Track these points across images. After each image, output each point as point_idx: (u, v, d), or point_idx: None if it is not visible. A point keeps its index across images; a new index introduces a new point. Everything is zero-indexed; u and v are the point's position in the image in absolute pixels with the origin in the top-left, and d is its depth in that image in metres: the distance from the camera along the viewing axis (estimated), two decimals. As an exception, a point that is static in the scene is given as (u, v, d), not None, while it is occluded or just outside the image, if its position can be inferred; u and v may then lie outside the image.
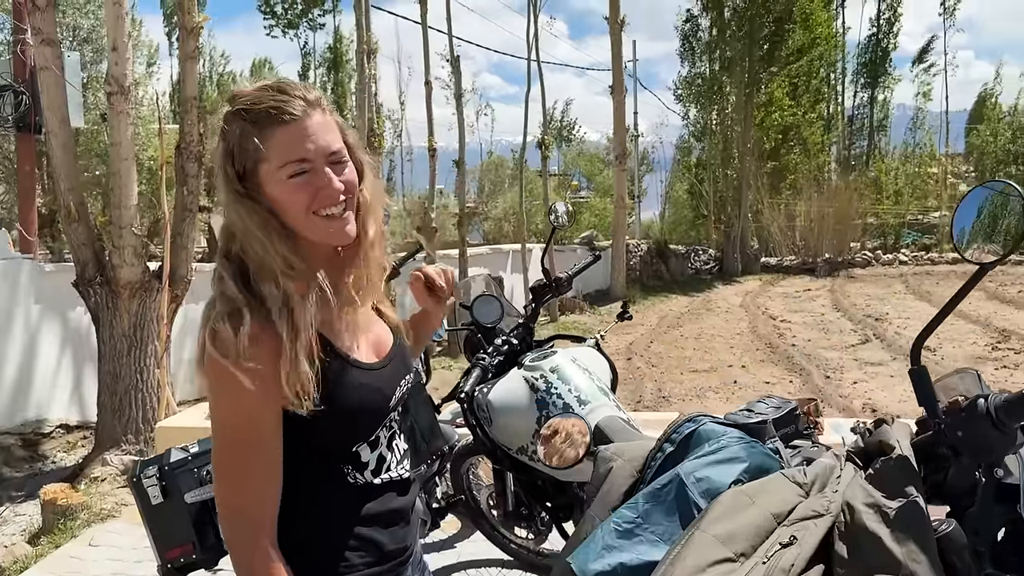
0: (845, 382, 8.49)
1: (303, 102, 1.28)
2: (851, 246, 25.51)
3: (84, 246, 5.63)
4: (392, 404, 1.44)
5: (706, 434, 1.38)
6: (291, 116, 1.26)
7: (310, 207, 1.28)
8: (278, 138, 1.26)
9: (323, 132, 1.29)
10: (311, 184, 1.27)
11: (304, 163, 1.27)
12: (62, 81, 5.61)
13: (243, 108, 1.28)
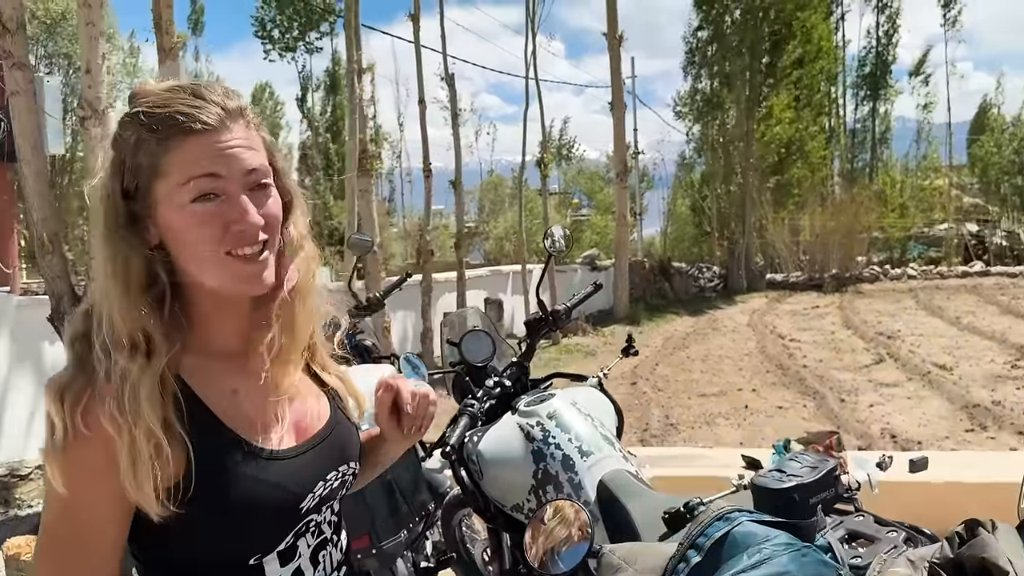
0: (861, 405, 8.15)
1: (221, 110, 1.00)
2: (858, 260, 25.16)
3: (59, 279, 5.33)
4: (308, 503, 1.08)
5: (743, 539, 1.06)
6: (203, 125, 0.99)
7: (220, 244, 1.00)
8: (185, 149, 0.99)
9: (243, 148, 1.01)
10: (221, 215, 1.00)
11: (215, 180, 0.99)
12: (34, 107, 5.34)
13: (143, 111, 1.00)
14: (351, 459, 1.17)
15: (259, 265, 1.02)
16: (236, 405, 1.05)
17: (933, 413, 7.59)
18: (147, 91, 1.03)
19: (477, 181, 30.44)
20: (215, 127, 0.99)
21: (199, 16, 31.25)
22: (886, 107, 33.98)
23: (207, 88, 1.03)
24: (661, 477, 4.00)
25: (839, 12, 32.75)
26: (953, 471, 3.90)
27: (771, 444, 4.83)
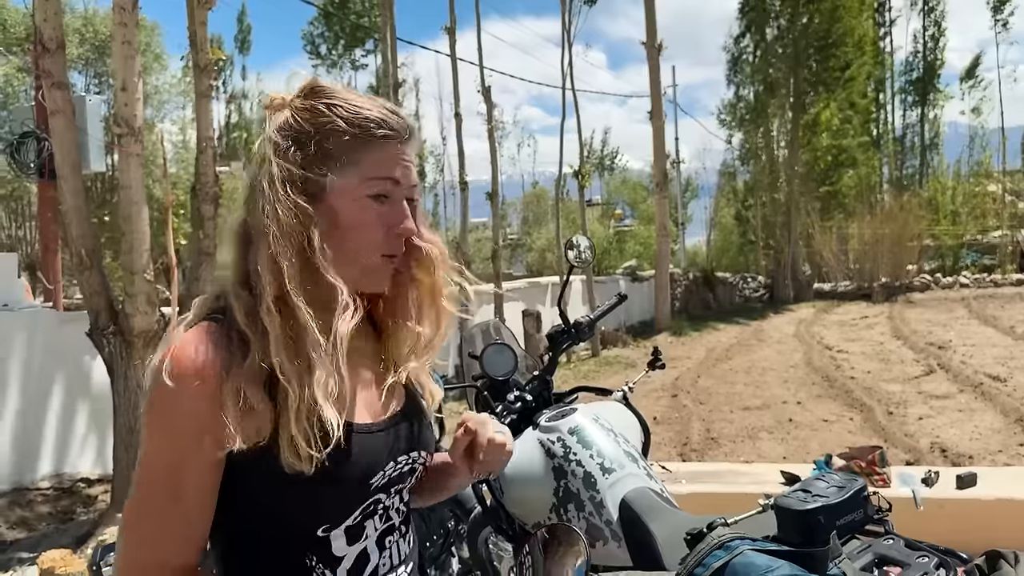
0: (910, 418, 7.89)
1: (408, 127, 1.12)
2: (908, 269, 24.57)
3: (97, 294, 5.42)
4: (378, 481, 1.10)
5: (742, 570, 0.99)
6: (396, 135, 1.10)
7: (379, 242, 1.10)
8: (377, 151, 1.09)
9: (412, 165, 1.14)
10: (387, 216, 1.09)
11: (393, 185, 1.10)
12: (73, 125, 5.45)
13: (344, 106, 1.08)
14: (423, 448, 1.20)
15: (390, 268, 1.13)
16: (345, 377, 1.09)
17: (985, 426, 7.31)
18: (333, 88, 1.10)
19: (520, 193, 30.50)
20: (404, 139, 1.10)
21: (246, 35, 31.96)
22: (935, 112, 33.27)
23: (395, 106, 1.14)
24: (696, 494, 3.90)
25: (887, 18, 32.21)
26: (1003, 487, 3.71)
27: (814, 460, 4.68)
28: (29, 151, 7.21)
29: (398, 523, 1.18)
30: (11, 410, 6.14)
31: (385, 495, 1.13)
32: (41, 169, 7.15)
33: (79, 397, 6.67)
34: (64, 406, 6.54)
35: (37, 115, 7.27)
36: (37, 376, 6.35)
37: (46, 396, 6.41)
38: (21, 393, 6.21)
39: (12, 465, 6.15)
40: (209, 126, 5.79)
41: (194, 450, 1.00)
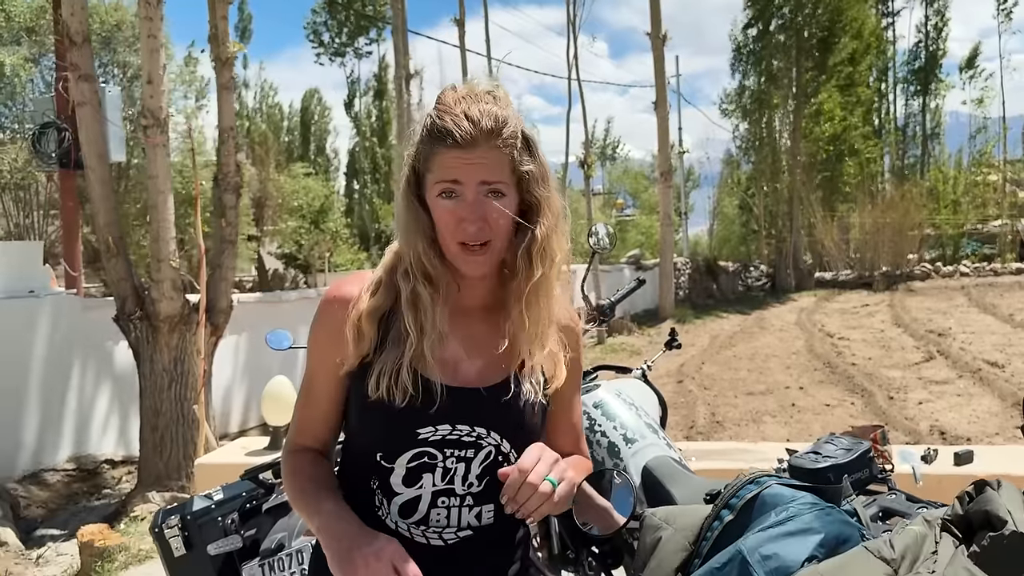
0: (910, 403, 8.08)
1: (474, 130, 1.23)
2: (908, 258, 24.73)
3: (123, 281, 5.59)
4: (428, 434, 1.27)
5: (772, 499, 1.17)
6: (454, 141, 1.23)
7: (451, 235, 1.26)
8: (440, 156, 1.24)
9: (485, 164, 1.24)
10: (456, 211, 1.25)
11: (454, 185, 1.24)
12: (100, 116, 5.61)
13: (432, 116, 1.27)
14: (494, 429, 1.29)
15: (479, 255, 1.25)
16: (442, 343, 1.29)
17: (983, 410, 7.50)
18: (445, 99, 1.27)
19: (521, 182, 30.57)
20: (466, 143, 1.22)
21: (247, 24, 31.95)
22: (936, 102, 33.36)
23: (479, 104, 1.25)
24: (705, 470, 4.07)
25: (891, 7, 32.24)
26: (999, 464, 3.89)
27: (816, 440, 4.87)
28: (50, 141, 7.37)
29: (461, 491, 1.29)
30: (36, 393, 6.32)
31: (439, 452, 1.27)
32: (62, 159, 7.30)
33: (102, 381, 6.85)
34: (87, 390, 6.72)
35: (57, 106, 7.42)
36: (61, 360, 6.54)
37: (70, 380, 6.59)
38: (46, 377, 6.40)
39: (38, 446, 6.33)
40: (231, 117, 5.93)
41: (324, 360, 1.32)
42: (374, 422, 1.28)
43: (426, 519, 1.29)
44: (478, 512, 1.31)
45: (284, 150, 24.73)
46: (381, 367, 1.26)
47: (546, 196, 1.30)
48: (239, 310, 6.17)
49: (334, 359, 1.30)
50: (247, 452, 4.89)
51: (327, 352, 1.31)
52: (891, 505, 1.81)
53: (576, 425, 1.47)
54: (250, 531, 2.50)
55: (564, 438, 1.43)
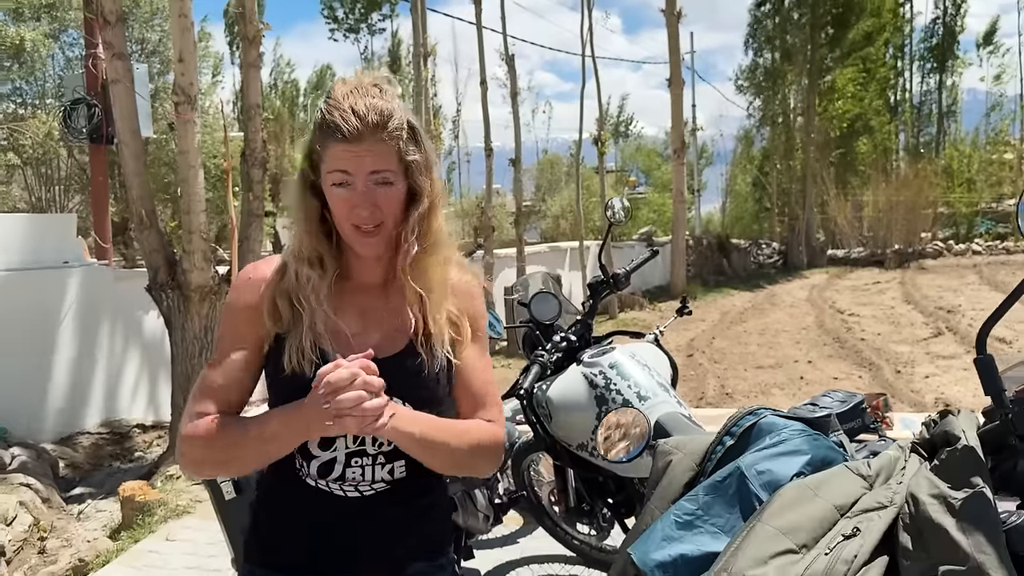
0: (916, 376, 8.27)
1: (360, 126, 1.33)
2: (921, 236, 24.77)
3: (155, 252, 5.82)
4: None
5: (767, 427, 1.37)
6: (342, 135, 1.34)
7: (345, 219, 1.38)
8: (331, 149, 1.36)
9: (371, 156, 1.35)
10: (348, 199, 1.37)
11: (344, 175, 1.36)
12: (132, 93, 5.81)
13: (325, 105, 1.38)
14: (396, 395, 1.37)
15: (372, 237, 1.38)
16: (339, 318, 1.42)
17: (989, 384, 7.67)
18: (334, 93, 1.37)
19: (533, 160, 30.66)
20: (351, 138, 1.33)
21: (261, 0, 32.02)
22: (953, 79, 33.13)
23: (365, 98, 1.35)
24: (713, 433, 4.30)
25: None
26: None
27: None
28: (80, 117, 7.58)
29: (372, 452, 1.41)
30: (70, 360, 6.59)
31: None
32: (92, 134, 7.53)
33: (133, 349, 7.11)
34: (118, 357, 6.99)
35: (87, 82, 7.62)
36: (94, 329, 6.79)
37: (102, 348, 6.86)
38: (79, 344, 6.66)
39: (72, 411, 6.61)
40: (258, 94, 6.13)
41: (239, 333, 1.43)
42: (287, 395, 1.36)
43: (343, 477, 1.42)
44: (390, 468, 1.44)
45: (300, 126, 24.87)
46: (290, 343, 1.38)
47: (428, 182, 1.42)
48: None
49: (249, 333, 1.42)
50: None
51: (243, 325, 1.42)
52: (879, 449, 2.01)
53: (476, 392, 1.50)
54: (295, 476, 2.73)
55: (464, 403, 1.50)
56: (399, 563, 1.47)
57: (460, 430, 1.45)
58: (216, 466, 1.49)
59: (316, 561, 1.44)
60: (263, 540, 1.50)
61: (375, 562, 1.45)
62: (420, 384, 1.43)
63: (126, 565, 4.07)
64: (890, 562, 1.13)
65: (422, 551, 1.50)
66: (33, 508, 4.77)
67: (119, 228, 11.72)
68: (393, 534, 1.46)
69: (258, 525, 1.51)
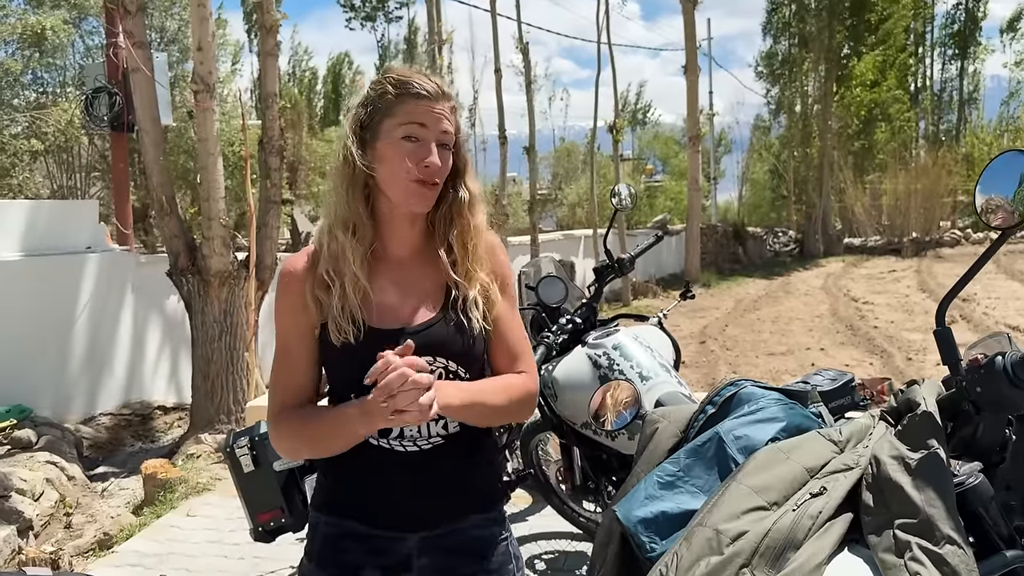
0: (928, 364, 8.30)
1: (438, 89, 1.49)
2: (940, 225, 24.62)
3: (176, 238, 5.96)
4: None
5: (746, 396, 1.47)
6: (425, 93, 1.47)
7: (409, 170, 1.46)
8: (408, 104, 1.47)
9: (444, 118, 1.49)
10: (417, 152, 1.46)
11: (420, 128, 1.46)
12: (152, 82, 5.94)
13: (392, 76, 1.50)
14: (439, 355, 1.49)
15: (425, 191, 1.48)
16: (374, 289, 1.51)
17: (1000, 371, 7.70)
18: (396, 67, 1.54)
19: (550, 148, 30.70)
20: (432, 96, 1.47)
21: (278, -13, 32.08)
22: (975, 66, 32.79)
23: (436, 74, 1.52)
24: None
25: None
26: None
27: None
28: (102, 105, 7.72)
29: None
30: (94, 343, 6.76)
31: None
32: (113, 122, 7.66)
33: (154, 332, 7.28)
34: (140, 340, 7.15)
35: (108, 71, 7.76)
36: (117, 313, 6.95)
37: (125, 331, 7.02)
38: (102, 328, 6.82)
39: (95, 392, 6.78)
40: (275, 83, 6.24)
41: (293, 326, 1.52)
42: (340, 368, 1.50)
43: (401, 433, 1.50)
44: (444, 423, 1.52)
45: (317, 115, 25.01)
46: (331, 316, 1.47)
47: (469, 161, 1.58)
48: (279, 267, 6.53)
49: (301, 325, 1.50)
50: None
51: (294, 319, 1.51)
52: (865, 424, 2.10)
53: (512, 347, 1.59)
54: (310, 450, 2.86)
55: (500, 358, 1.59)
56: (456, 514, 1.55)
57: (499, 388, 1.54)
58: (307, 454, 1.64)
59: (377, 512, 1.54)
60: (328, 491, 1.60)
61: (433, 513, 1.54)
62: (456, 348, 1.52)
63: (149, 539, 4.22)
64: (853, 518, 1.23)
65: (478, 503, 1.58)
66: (59, 485, 4.94)
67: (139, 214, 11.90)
68: (450, 486, 1.54)
69: (324, 477, 1.62)
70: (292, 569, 3.74)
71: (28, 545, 4.30)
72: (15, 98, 13.03)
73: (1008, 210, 1.26)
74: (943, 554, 1.11)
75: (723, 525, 1.22)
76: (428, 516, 1.53)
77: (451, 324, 1.52)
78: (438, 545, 1.54)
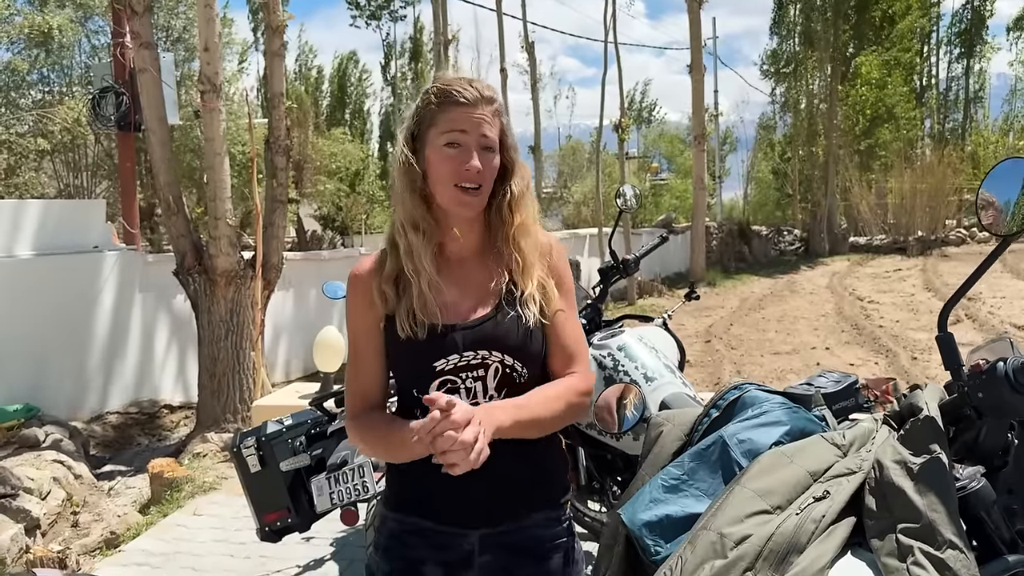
0: (933, 363, 8.28)
1: (478, 95, 1.54)
2: (945, 224, 24.56)
3: (183, 237, 5.99)
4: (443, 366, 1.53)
5: (750, 400, 1.48)
6: (464, 100, 1.53)
7: (452, 178, 1.52)
8: (449, 112, 1.53)
9: (485, 122, 1.54)
10: (458, 157, 1.52)
11: (461, 135, 1.52)
12: (159, 82, 5.96)
13: (436, 86, 1.57)
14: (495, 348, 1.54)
15: (474, 197, 1.53)
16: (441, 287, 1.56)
17: (1005, 371, 7.68)
18: (443, 76, 1.59)
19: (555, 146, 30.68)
20: (471, 103, 1.52)
21: (284, -14, 32.03)
22: (981, 65, 32.68)
23: (478, 80, 1.57)
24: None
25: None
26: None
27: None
28: (108, 105, 7.76)
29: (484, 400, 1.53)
30: (101, 341, 6.79)
31: (457, 378, 1.52)
32: (120, 122, 7.70)
33: (160, 331, 7.30)
34: (147, 339, 7.18)
35: (115, 71, 7.79)
36: (123, 312, 6.98)
37: (132, 330, 7.04)
38: (110, 327, 6.85)
39: (102, 391, 6.81)
40: (281, 83, 6.25)
41: (362, 325, 1.60)
42: (404, 363, 1.57)
43: None
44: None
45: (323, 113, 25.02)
46: (400, 315, 1.53)
47: (519, 161, 1.62)
48: (285, 267, 6.54)
49: (368, 322, 1.58)
50: (300, 396, 5.29)
51: (362, 317, 1.59)
52: (869, 426, 2.11)
53: (567, 347, 1.61)
54: (316, 451, 2.88)
55: (556, 358, 1.60)
56: (518, 512, 1.57)
57: (551, 396, 1.55)
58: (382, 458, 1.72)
59: (441, 509, 1.57)
60: (394, 488, 1.65)
61: (496, 510, 1.56)
62: (511, 342, 1.56)
63: (155, 538, 4.24)
64: (856, 522, 1.24)
65: (541, 502, 1.59)
66: (66, 484, 4.96)
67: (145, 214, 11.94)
68: (512, 483, 1.56)
69: (391, 474, 1.66)
70: (299, 568, 3.76)
71: (35, 544, 4.32)
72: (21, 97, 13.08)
73: (1008, 216, 1.27)
74: (945, 558, 1.12)
75: (727, 529, 1.23)
76: (490, 513, 1.56)
77: (506, 319, 1.56)
78: (500, 543, 1.57)
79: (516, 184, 1.60)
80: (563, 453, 1.78)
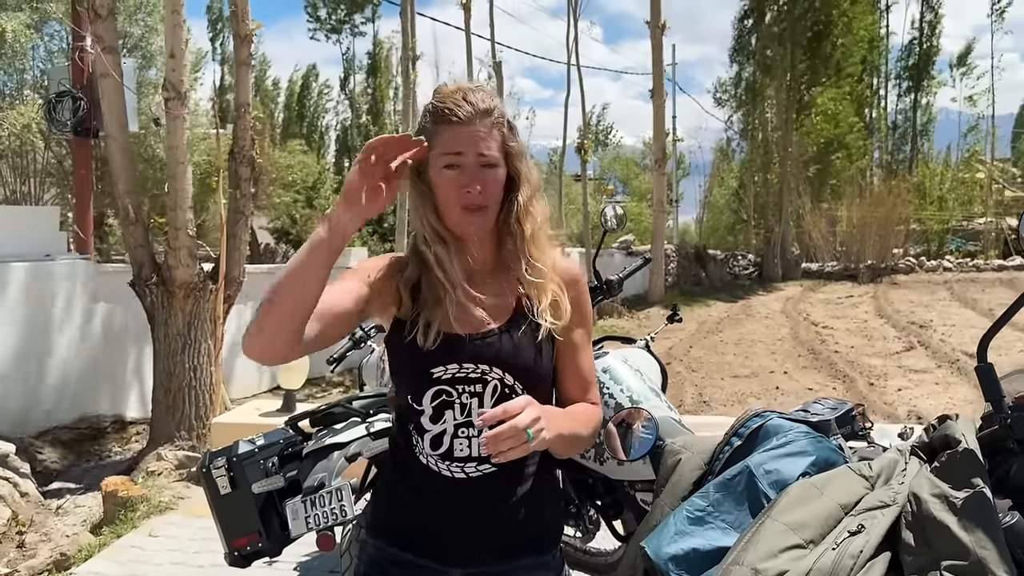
0: (889, 389, 8.41)
1: (473, 111, 1.46)
2: (894, 252, 25.17)
3: (141, 247, 5.80)
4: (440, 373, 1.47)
5: (773, 429, 1.43)
6: (458, 118, 1.45)
7: (455, 201, 1.46)
8: (444, 133, 1.46)
9: (481, 139, 1.47)
10: (458, 179, 1.45)
11: (458, 156, 1.45)
12: (121, 87, 5.79)
13: (431, 103, 1.50)
14: (496, 365, 1.48)
15: (479, 216, 1.47)
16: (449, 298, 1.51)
17: (960, 398, 7.83)
18: (443, 90, 1.51)
19: (514, 166, 30.73)
20: (466, 120, 1.45)
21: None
22: (928, 99, 33.72)
23: (474, 92, 1.48)
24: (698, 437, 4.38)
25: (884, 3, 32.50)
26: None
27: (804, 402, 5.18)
28: (65, 110, 7.53)
29: (478, 425, 1.41)
30: (51, 354, 6.53)
31: (453, 390, 1.46)
32: (77, 127, 7.47)
33: (114, 344, 7.06)
34: (99, 352, 6.93)
35: (73, 75, 7.57)
36: (75, 323, 6.74)
37: (83, 342, 6.80)
38: (60, 338, 6.60)
39: (51, 405, 6.55)
40: (248, 93, 6.12)
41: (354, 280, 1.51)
42: (403, 366, 1.51)
43: (450, 451, 1.47)
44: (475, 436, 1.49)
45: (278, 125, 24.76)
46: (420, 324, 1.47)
47: (526, 170, 1.55)
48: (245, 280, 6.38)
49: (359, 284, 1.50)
50: (261, 413, 5.14)
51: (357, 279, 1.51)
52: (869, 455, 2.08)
53: (584, 374, 1.57)
54: (291, 472, 2.76)
55: (571, 384, 1.56)
56: (504, 554, 1.50)
57: (586, 419, 1.52)
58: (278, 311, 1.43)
59: (423, 543, 1.49)
60: (379, 516, 1.57)
61: (479, 549, 1.48)
62: (518, 353, 1.49)
63: (109, 559, 4.05)
64: (892, 558, 1.20)
65: (530, 545, 1.51)
66: (11, 502, 4.73)
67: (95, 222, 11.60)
68: (499, 522, 1.48)
69: (377, 501, 1.59)
70: (262, 594, 3.62)
71: (-21, 565, 4.10)
72: (-31, 101, 12.69)
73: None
74: (996, 598, 1.08)
75: (761, 564, 1.17)
76: (474, 552, 1.48)
77: (512, 336, 1.50)
78: None
79: (523, 194, 1.54)
80: (559, 491, 1.71)
